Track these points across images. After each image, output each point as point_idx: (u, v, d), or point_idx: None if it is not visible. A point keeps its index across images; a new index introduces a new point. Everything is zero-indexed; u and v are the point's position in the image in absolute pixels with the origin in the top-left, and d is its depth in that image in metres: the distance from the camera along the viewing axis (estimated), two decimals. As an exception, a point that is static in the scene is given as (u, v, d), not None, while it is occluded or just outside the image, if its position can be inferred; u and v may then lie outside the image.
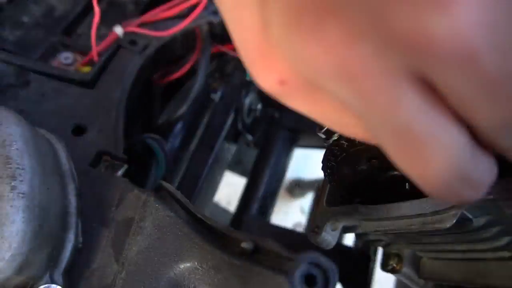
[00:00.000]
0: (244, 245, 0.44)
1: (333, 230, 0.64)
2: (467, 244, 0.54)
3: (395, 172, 0.52)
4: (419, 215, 0.50)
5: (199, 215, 0.54)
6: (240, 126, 1.15)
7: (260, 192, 1.10)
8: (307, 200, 2.42)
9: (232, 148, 1.19)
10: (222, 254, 0.47)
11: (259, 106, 1.17)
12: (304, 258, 0.39)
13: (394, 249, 0.66)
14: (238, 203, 1.11)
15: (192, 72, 1.14)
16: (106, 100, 0.79)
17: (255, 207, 1.08)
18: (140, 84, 1.11)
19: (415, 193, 0.51)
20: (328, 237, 0.64)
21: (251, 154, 1.30)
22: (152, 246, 0.52)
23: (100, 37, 0.94)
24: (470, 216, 0.49)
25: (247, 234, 0.47)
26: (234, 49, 1.13)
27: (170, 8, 0.92)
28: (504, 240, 0.50)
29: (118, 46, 0.87)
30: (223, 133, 1.06)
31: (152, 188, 1.03)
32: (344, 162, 0.55)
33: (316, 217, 0.67)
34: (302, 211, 2.49)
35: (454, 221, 0.46)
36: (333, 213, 0.63)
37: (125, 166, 0.76)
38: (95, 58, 0.88)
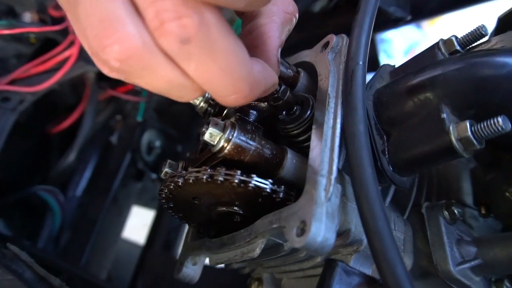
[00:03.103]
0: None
1: (194, 264, 0.67)
2: (297, 264, 0.59)
3: (222, 208, 0.57)
4: (238, 246, 0.54)
5: (41, 274, 0.56)
6: (140, 165, 1.17)
7: (166, 228, 1.12)
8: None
9: (136, 186, 1.20)
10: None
11: (158, 143, 1.20)
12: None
13: (256, 274, 0.71)
14: (144, 240, 1.12)
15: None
16: (-28, 163, 0.79)
17: (160, 242, 1.09)
18: (28, 136, 1.11)
19: (245, 224, 0.56)
20: (190, 272, 0.67)
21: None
22: (-13, 313, 0.53)
23: (-23, 96, 0.94)
24: (280, 241, 0.54)
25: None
26: (125, 92, 1.17)
27: (42, 62, 0.93)
28: (320, 258, 0.56)
29: (-13, 105, 0.88)
30: (120, 176, 1.08)
31: (48, 239, 1.02)
32: (176, 203, 0.59)
33: (181, 253, 0.70)
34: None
35: (262, 247, 0.51)
36: (191, 248, 0.67)
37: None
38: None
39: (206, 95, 0.73)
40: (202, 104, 0.73)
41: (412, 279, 0.39)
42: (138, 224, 1.85)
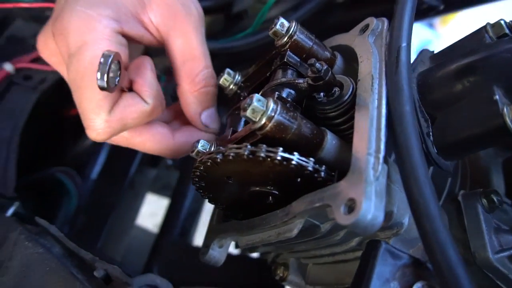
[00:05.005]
0: (96, 273, 0.46)
1: (220, 247, 0.67)
2: (329, 248, 0.58)
3: (256, 188, 0.56)
4: (273, 227, 0.53)
5: (72, 248, 0.55)
6: (156, 151, 1.16)
7: (182, 214, 1.11)
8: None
9: (151, 173, 1.19)
10: (81, 285, 0.48)
11: (175, 130, 1.19)
12: (139, 281, 0.41)
13: (282, 259, 0.70)
14: (160, 227, 1.11)
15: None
16: (-6, 140, 0.78)
17: (176, 229, 1.08)
18: (47, 117, 1.10)
19: (277, 206, 0.55)
20: (216, 254, 0.66)
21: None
22: (18, 285, 0.52)
23: (-3, 75, 0.93)
24: (317, 223, 0.53)
25: (103, 263, 0.48)
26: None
27: (65, 42, 0.92)
28: (355, 241, 0.55)
29: (10, 82, 0.86)
30: (137, 160, 1.07)
31: (63, 221, 1.02)
32: (209, 182, 0.58)
33: (206, 236, 0.69)
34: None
35: (300, 228, 0.50)
36: (217, 230, 0.66)
37: (16, 204, 0.75)
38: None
39: (236, 77, 0.72)
40: (231, 86, 0.72)
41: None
42: (146, 213, 1.84)
